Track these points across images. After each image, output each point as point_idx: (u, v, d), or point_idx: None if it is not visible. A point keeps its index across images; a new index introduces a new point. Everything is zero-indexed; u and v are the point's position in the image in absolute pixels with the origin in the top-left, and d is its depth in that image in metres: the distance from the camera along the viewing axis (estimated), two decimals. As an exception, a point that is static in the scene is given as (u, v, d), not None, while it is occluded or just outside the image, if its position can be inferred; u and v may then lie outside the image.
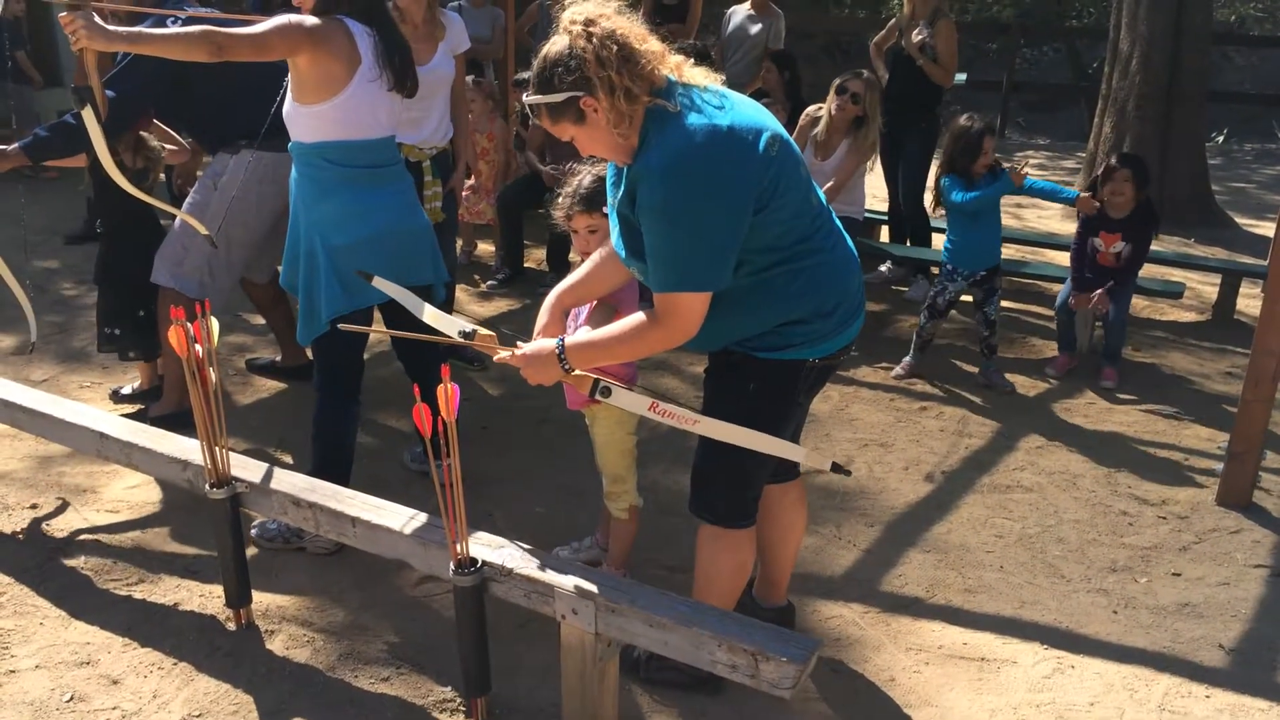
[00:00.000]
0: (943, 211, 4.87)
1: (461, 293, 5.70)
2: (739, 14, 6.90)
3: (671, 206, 2.10)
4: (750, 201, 2.13)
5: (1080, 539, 3.48)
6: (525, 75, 7.40)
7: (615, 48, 2.08)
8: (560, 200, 2.78)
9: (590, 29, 2.09)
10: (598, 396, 2.32)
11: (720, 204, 2.10)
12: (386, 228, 3.13)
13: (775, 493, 2.70)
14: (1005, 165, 4.70)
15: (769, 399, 2.39)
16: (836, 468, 2.54)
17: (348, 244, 3.07)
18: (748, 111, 2.20)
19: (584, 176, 2.75)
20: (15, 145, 3.62)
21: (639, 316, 2.26)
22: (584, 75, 2.09)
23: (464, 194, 5.97)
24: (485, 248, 6.60)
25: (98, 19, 2.76)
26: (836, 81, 5.30)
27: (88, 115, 2.91)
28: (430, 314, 2.62)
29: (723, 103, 2.18)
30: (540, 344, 2.33)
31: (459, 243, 5.88)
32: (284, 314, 4.47)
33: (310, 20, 2.91)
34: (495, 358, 2.41)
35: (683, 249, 2.13)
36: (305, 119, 3.00)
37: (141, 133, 3.88)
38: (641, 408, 2.34)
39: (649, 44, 2.16)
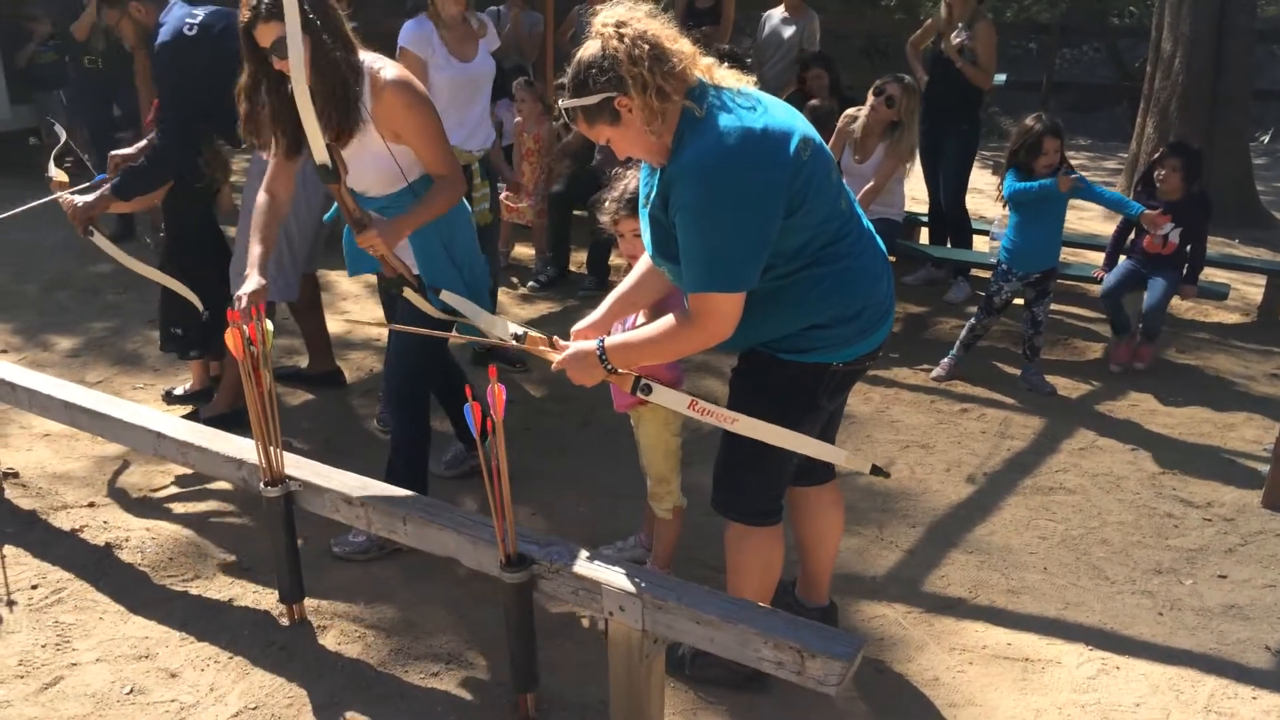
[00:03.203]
0: (1005, 210, 4.89)
1: (502, 295, 5.76)
2: (774, 17, 6.92)
3: (705, 207, 2.13)
4: (782, 203, 2.15)
5: (1124, 541, 3.47)
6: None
7: (647, 47, 2.12)
8: (607, 205, 2.81)
9: (622, 30, 2.14)
10: (639, 394, 2.35)
11: (753, 205, 2.13)
12: (470, 238, 3.26)
13: (811, 495, 2.73)
14: (1072, 166, 4.68)
15: (789, 400, 2.40)
16: (876, 470, 2.55)
17: (470, 235, 3.22)
18: (780, 114, 2.22)
19: (630, 181, 2.78)
20: (106, 187, 3.71)
21: (673, 316, 2.29)
22: (617, 75, 2.13)
23: (503, 196, 6.04)
24: (523, 250, 6.65)
25: (380, 221, 2.84)
26: (875, 83, 5.31)
27: (410, 295, 2.95)
28: (485, 318, 2.66)
29: (755, 105, 2.21)
30: (581, 345, 2.37)
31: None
32: (317, 318, 4.53)
33: (413, 86, 2.93)
34: (553, 365, 2.43)
35: (716, 249, 2.15)
36: (411, 160, 3.00)
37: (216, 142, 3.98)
38: (681, 405, 2.37)
39: (680, 44, 2.19)
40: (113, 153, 3.98)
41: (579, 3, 7.93)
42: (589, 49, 2.19)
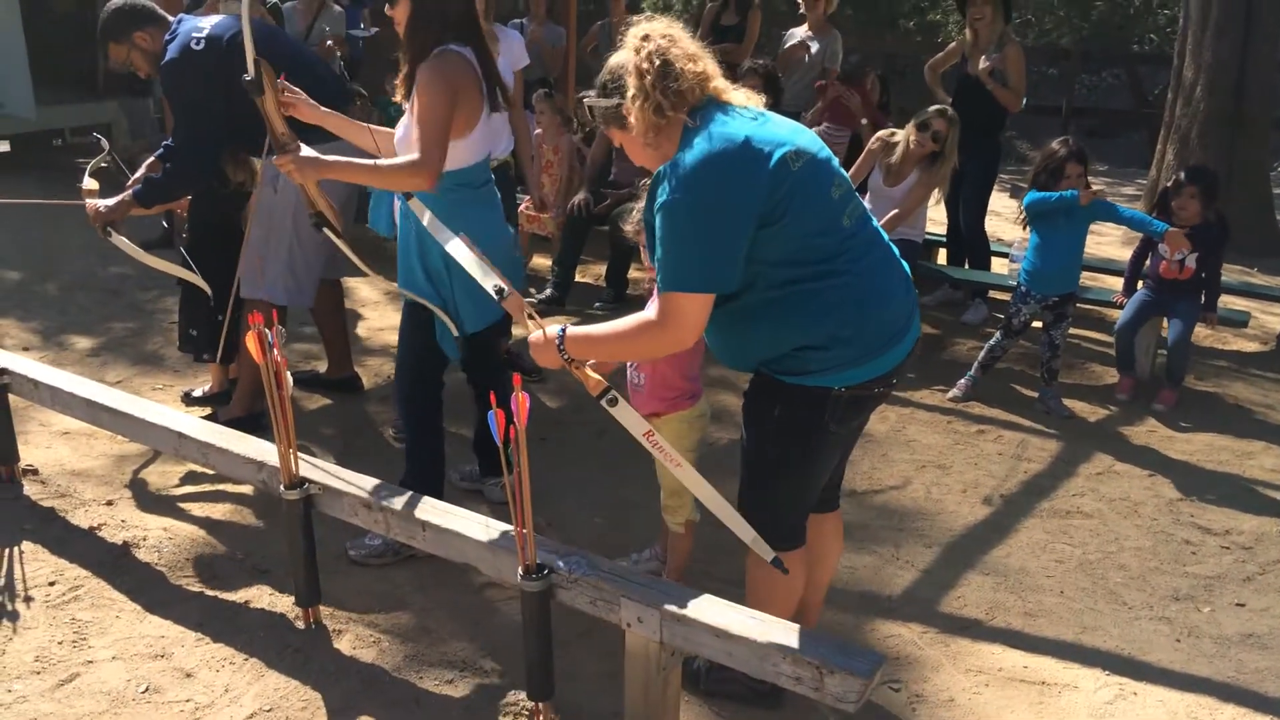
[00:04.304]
0: (1025, 231, 4.89)
1: (520, 306, 5.77)
2: (796, 35, 6.95)
3: (674, 206, 2.15)
4: (753, 209, 2.15)
5: (1142, 566, 3.46)
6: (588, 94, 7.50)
7: (657, 63, 2.19)
8: (633, 215, 2.83)
9: (644, 44, 2.22)
10: (604, 403, 2.33)
11: (721, 208, 2.14)
12: (501, 241, 3.25)
13: (812, 522, 2.70)
14: (1095, 187, 4.66)
15: (795, 424, 2.38)
16: (776, 563, 2.47)
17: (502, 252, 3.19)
18: (777, 128, 2.24)
19: None
20: (128, 192, 3.74)
21: (642, 315, 2.29)
22: (626, 85, 2.23)
23: (522, 206, 6.07)
24: (541, 261, 6.66)
25: (306, 151, 2.83)
26: (919, 118, 5.28)
27: (329, 234, 3.00)
28: (474, 264, 2.56)
29: (755, 117, 2.25)
30: (550, 329, 2.37)
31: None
32: (338, 323, 4.55)
33: (444, 74, 2.95)
34: (530, 338, 2.40)
35: (681, 248, 2.16)
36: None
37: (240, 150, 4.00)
38: (637, 432, 2.37)
39: (695, 65, 2.23)
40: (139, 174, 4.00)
41: (602, 17, 7.99)
42: (617, 55, 2.30)
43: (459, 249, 2.60)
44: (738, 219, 2.15)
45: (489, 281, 2.50)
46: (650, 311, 2.26)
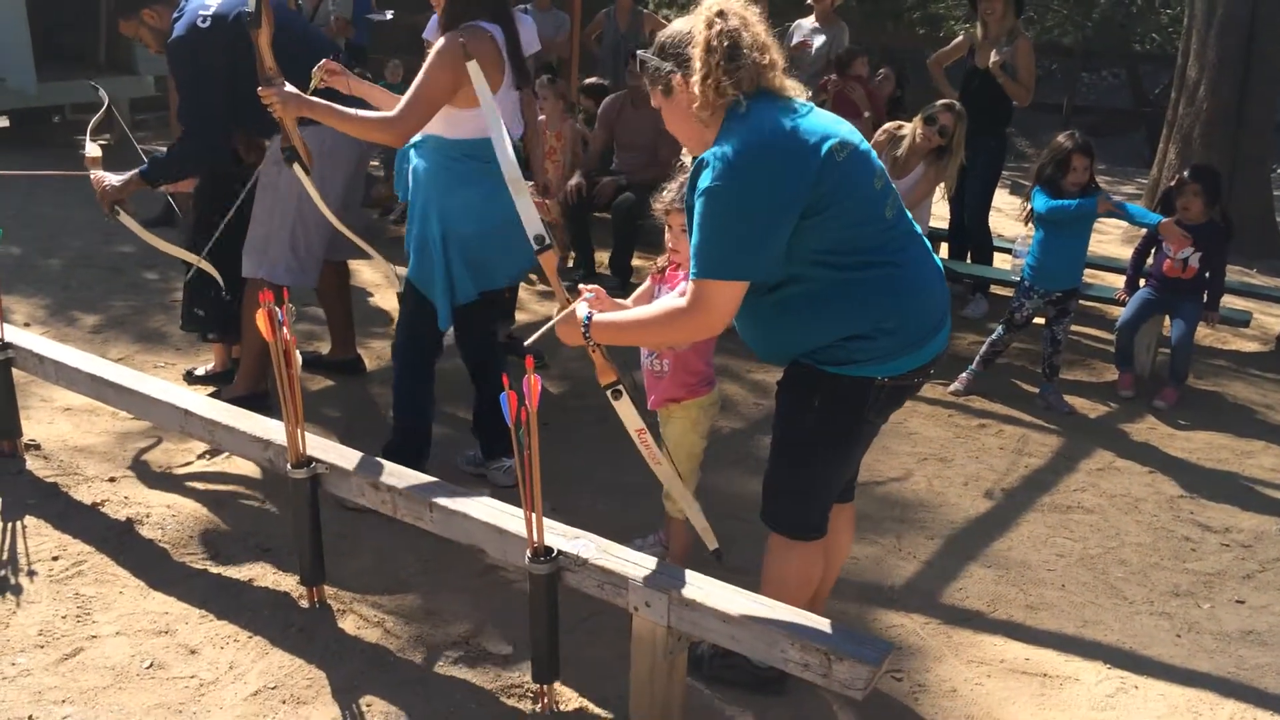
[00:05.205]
0: (1030, 227, 4.89)
1: (522, 291, 5.76)
2: (804, 26, 6.93)
3: (718, 193, 2.14)
4: (798, 199, 2.15)
5: (1142, 562, 3.47)
6: (592, 80, 7.49)
7: (726, 44, 2.17)
8: (664, 194, 2.80)
9: (718, 20, 2.19)
10: (608, 393, 2.37)
11: (765, 197, 2.14)
12: (506, 218, 3.21)
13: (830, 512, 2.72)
14: (1102, 188, 4.67)
15: (835, 415, 2.37)
16: (716, 554, 2.59)
17: (478, 231, 3.23)
18: (822, 120, 2.24)
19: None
20: (134, 171, 3.72)
21: (670, 301, 2.29)
22: (687, 56, 2.21)
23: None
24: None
25: (290, 88, 2.93)
26: (926, 111, 5.27)
27: (297, 170, 3.11)
28: (522, 207, 2.52)
29: (801, 109, 2.24)
30: (578, 308, 2.38)
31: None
32: (343, 305, 4.53)
33: (459, 51, 2.97)
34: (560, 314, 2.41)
35: (719, 236, 2.16)
36: (452, 118, 3.09)
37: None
38: (631, 427, 2.41)
39: (760, 55, 2.21)
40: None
41: (607, 4, 7.97)
42: (685, 21, 2.27)
43: (513, 171, 2.55)
44: (781, 209, 2.15)
45: (532, 229, 2.48)
46: (680, 298, 2.25)
